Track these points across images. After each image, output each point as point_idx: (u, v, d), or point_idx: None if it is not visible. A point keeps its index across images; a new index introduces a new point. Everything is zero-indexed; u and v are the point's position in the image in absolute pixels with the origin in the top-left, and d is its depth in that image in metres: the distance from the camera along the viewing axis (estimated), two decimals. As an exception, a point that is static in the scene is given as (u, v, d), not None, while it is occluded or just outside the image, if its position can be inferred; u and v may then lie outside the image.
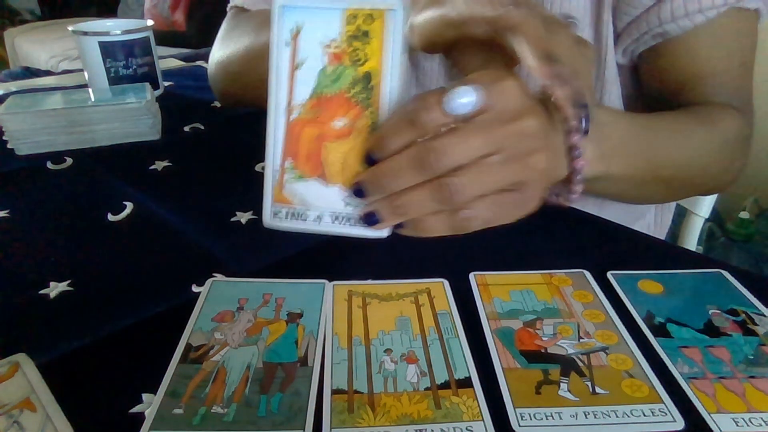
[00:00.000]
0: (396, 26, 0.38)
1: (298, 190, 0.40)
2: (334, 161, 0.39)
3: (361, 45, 0.38)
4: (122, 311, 0.40)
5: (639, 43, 0.58)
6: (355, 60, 0.38)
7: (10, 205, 0.55)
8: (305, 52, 0.39)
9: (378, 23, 0.38)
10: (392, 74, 0.38)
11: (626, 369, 0.34)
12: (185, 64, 1.14)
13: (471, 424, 0.31)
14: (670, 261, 0.45)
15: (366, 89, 0.39)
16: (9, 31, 2.83)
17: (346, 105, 0.39)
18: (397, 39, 0.38)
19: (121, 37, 0.81)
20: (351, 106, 0.39)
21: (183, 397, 0.32)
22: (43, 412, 0.31)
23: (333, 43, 0.38)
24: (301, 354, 0.35)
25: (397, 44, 0.38)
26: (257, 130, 0.74)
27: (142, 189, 0.58)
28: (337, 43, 0.38)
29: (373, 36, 0.38)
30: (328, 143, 0.39)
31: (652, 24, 0.55)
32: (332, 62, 0.39)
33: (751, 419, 0.31)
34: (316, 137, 0.39)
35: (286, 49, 0.39)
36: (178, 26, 2.50)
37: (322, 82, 0.39)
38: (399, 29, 0.38)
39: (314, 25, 0.38)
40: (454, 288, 0.42)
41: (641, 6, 0.55)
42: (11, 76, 1.42)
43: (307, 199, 0.40)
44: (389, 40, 0.38)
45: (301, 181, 0.40)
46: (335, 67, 0.39)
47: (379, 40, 0.38)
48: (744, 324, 0.38)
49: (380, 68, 0.38)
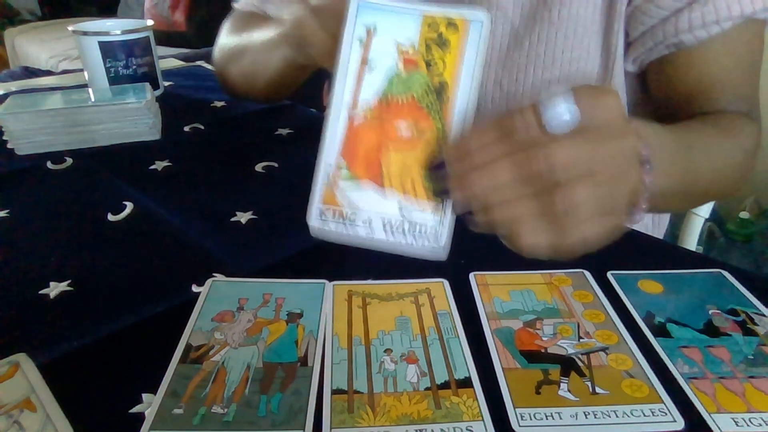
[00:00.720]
0: (479, 39, 0.36)
1: (349, 191, 0.38)
2: (395, 165, 0.37)
3: (441, 53, 0.37)
4: (122, 311, 0.40)
5: (652, 53, 0.58)
6: (432, 68, 0.37)
7: (10, 205, 0.55)
8: (378, 53, 0.37)
9: (460, 33, 0.37)
10: (469, 88, 0.36)
11: (626, 369, 0.34)
12: (185, 64, 1.14)
13: (471, 424, 0.31)
14: (670, 261, 0.45)
15: (439, 100, 0.37)
16: (9, 31, 2.83)
17: (416, 112, 0.37)
18: (479, 52, 0.36)
19: (121, 37, 0.81)
20: (421, 114, 0.37)
21: (183, 397, 0.32)
22: (43, 412, 0.31)
23: (411, 47, 0.37)
24: (301, 354, 0.35)
25: (479, 57, 0.36)
26: (257, 131, 0.73)
27: (142, 189, 0.58)
28: (414, 47, 0.37)
29: (453, 46, 0.37)
30: (391, 147, 0.37)
31: (668, 34, 0.55)
32: (407, 67, 0.37)
33: (751, 419, 0.31)
34: (378, 140, 0.37)
35: (358, 46, 0.38)
36: (178, 26, 2.50)
37: (393, 85, 0.37)
38: (482, 42, 0.36)
39: (390, 26, 0.37)
40: (454, 288, 0.42)
41: (658, 16, 0.55)
42: (11, 76, 1.42)
43: (358, 202, 0.38)
44: (471, 52, 0.36)
45: (355, 181, 0.38)
46: (410, 73, 0.37)
47: (460, 50, 0.37)
48: (744, 324, 0.38)
49: (457, 80, 0.37)
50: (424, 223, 0.37)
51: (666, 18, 0.55)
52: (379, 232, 0.37)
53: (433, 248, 0.37)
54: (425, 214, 0.37)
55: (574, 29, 0.57)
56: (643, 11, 0.55)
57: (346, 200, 0.38)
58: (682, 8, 0.53)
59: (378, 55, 0.37)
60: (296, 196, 0.42)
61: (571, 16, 0.57)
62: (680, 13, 0.54)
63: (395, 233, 0.37)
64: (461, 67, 0.37)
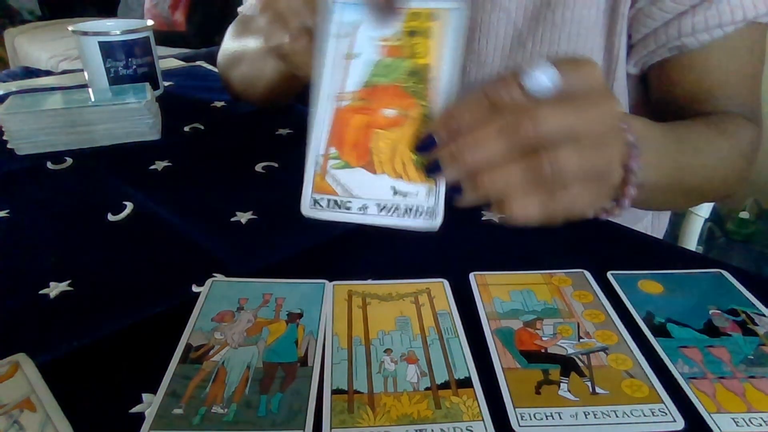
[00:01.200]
0: (457, 24, 0.38)
1: (342, 178, 0.38)
2: (384, 148, 0.38)
3: (422, 40, 0.38)
4: (122, 311, 0.40)
5: (654, 55, 0.58)
6: (414, 54, 0.38)
7: (10, 205, 0.55)
8: (361, 46, 0.39)
9: (440, 21, 0.38)
10: (450, 70, 0.38)
11: (626, 369, 0.34)
12: (185, 64, 1.14)
13: (471, 424, 0.31)
14: (670, 261, 0.45)
15: (422, 81, 0.38)
16: (9, 31, 2.83)
17: (400, 95, 0.38)
18: (458, 37, 0.38)
19: (121, 37, 0.81)
20: (405, 97, 0.38)
21: (183, 397, 0.32)
22: (43, 412, 0.31)
23: (392, 37, 0.38)
24: (301, 354, 0.35)
25: (459, 42, 0.38)
26: (257, 130, 0.73)
27: (142, 189, 0.58)
28: (396, 37, 0.38)
29: (433, 33, 0.38)
30: (379, 130, 0.38)
31: (671, 37, 0.55)
32: (389, 54, 0.39)
33: (751, 419, 0.31)
34: (365, 125, 0.38)
35: (343, 40, 0.39)
36: (178, 26, 2.50)
37: (376, 72, 0.39)
38: (460, 27, 0.38)
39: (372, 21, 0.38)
40: (454, 288, 0.42)
41: (661, 19, 0.55)
42: (11, 76, 1.42)
43: (351, 188, 0.38)
44: (450, 37, 0.38)
45: (346, 168, 0.38)
46: (392, 60, 0.38)
47: (440, 36, 0.38)
48: (744, 324, 0.38)
49: (438, 63, 0.38)
50: (419, 203, 0.37)
51: (669, 21, 0.55)
52: (373, 217, 0.38)
53: (430, 224, 0.37)
54: (419, 194, 0.37)
55: (577, 31, 0.57)
56: (646, 14, 0.55)
57: (340, 187, 0.38)
58: (685, 11, 0.53)
59: (361, 48, 0.39)
60: (296, 196, 0.42)
61: (574, 18, 0.57)
62: (683, 16, 0.54)
63: (391, 215, 0.38)
64: (442, 50, 0.38)
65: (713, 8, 0.52)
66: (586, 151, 0.33)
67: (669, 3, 0.54)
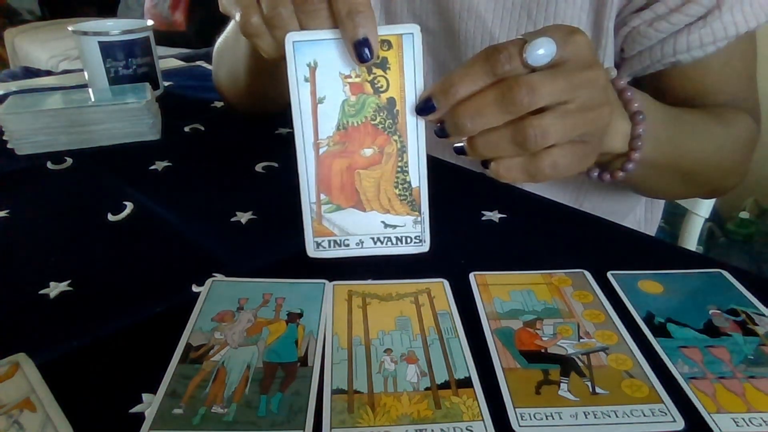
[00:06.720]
0: (413, 49, 0.38)
1: (336, 220, 0.42)
2: (369, 187, 0.41)
3: (381, 72, 0.39)
4: (122, 311, 0.40)
5: (647, 69, 0.59)
6: (377, 87, 0.39)
7: (10, 205, 0.55)
8: (325, 86, 0.39)
9: (395, 49, 0.38)
10: (414, 97, 0.39)
11: (626, 369, 0.34)
12: (185, 64, 1.14)
13: (471, 424, 0.31)
14: (670, 261, 0.45)
15: (391, 115, 0.40)
16: (9, 31, 2.83)
17: (373, 133, 0.40)
18: (417, 62, 0.39)
19: (121, 37, 0.81)
20: (378, 134, 0.40)
21: (183, 397, 0.32)
22: (43, 412, 0.31)
23: (352, 73, 0.39)
24: (301, 354, 0.36)
25: (418, 67, 0.39)
26: (257, 130, 0.74)
27: (142, 189, 0.58)
28: (356, 72, 0.39)
29: (391, 62, 0.39)
30: (361, 171, 0.41)
31: (666, 54, 0.56)
32: (354, 92, 0.39)
33: (751, 419, 0.31)
34: (347, 168, 0.41)
35: (305, 85, 0.39)
36: (178, 26, 2.50)
37: (345, 113, 0.40)
38: (417, 52, 0.38)
39: (330, 58, 0.39)
40: (454, 288, 0.42)
41: (656, 38, 0.56)
42: (11, 76, 1.42)
43: (346, 227, 0.42)
44: (409, 64, 0.39)
45: (338, 211, 0.42)
46: (357, 97, 0.39)
47: (398, 65, 0.39)
48: (744, 324, 0.38)
49: (402, 93, 0.39)
50: (407, 233, 0.42)
51: (664, 39, 0.56)
52: (370, 248, 0.43)
53: (419, 250, 0.43)
54: (407, 225, 0.42)
55: None
56: (641, 33, 0.56)
57: (336, 228, 0.42)
58: (680, 30, 0.54)
59: (325, 88, 0.39)
60: (296, 196, 0.42)
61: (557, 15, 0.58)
62: (678, 35, 0.55)
63: (385, 245, 0.42)
64: (403, 80, 0.39)
65: (707, 27, 0.53)
66: (571, 116, 0.36)
67: (664, 23, 0.54)
